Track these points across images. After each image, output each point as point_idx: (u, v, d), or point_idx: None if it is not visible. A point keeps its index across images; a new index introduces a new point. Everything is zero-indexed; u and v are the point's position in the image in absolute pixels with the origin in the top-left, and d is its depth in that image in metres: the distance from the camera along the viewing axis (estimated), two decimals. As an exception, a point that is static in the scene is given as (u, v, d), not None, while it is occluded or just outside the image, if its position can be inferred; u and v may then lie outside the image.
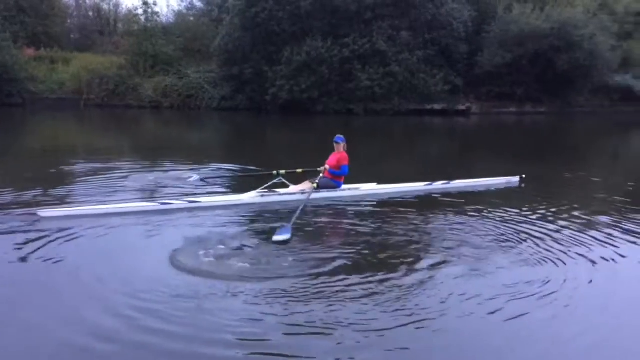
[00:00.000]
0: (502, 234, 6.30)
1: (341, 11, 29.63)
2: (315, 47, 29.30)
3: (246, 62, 31.41)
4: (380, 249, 5.74)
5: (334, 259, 5.35)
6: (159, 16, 38.46)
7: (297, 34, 30.33)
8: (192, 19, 41.92)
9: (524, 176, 9.72)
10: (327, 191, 8.23)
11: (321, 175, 8.28)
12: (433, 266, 5.23)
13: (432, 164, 12.67)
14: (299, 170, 8.51)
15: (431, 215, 7.19)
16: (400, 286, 4.70)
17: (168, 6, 41.01)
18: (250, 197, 7.80)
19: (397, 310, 4.25)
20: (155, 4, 37.04)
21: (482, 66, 31.30)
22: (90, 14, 46.08)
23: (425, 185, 9.00)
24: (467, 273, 5.07)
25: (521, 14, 30.42)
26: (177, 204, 7.41)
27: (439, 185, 9.04)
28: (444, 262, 5.34)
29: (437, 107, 31.00)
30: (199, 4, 43.71)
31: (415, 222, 6.86)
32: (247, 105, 32.12)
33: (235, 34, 31.54)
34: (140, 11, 36.87)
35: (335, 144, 8.44)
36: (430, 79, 30.31)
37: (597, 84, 32.60)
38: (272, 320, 4.07)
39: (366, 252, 5.64)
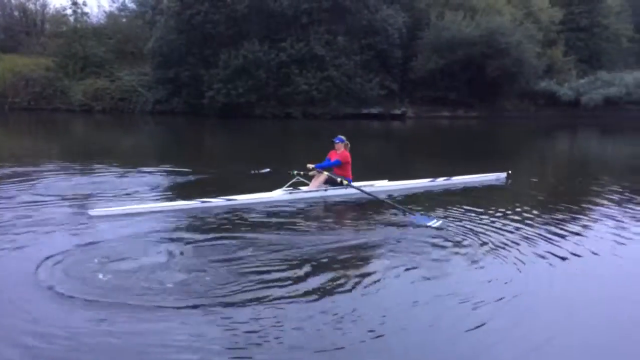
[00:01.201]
0: (452, 236, 6.33)
1: (277, 15, 29.66)
2: (253, 50, 29.17)
3: (182, 64, 30.88)
4: (327, 254, 5.68)
5: (289, 261, 5.29)
6: (89, 17, 37.39)
7: (234, 37, 30.10)
8: (124, 20, 40.87)
9: (510, 172, 10.19)
10: (337, 188, 8.47)
11: (326, 173, 8.45)
12: (385, 271, 5.16)
13: (372, 166, 12.81)
14: (310, 166, 8.57)
15: (380, 218, 7.22)
16: (343, 293, 4.64)
17: (99, 7, 40.02)
18: (279, 194, 8.18)
19: (338, 319, 4.20)
20: (85, 5, 35.97)
21: (417, 71, 32.13)
22: (16, 13, 43.97)
23: (429, 181, 9.38)
24: (420, 277, 5.00)
25: (453, 21, 31.42)
26: (216, 201, 7.62)
27: (441, 181, 9.45)
28: (399, 266, 5.22)
29: (374, 111, 31.55)
30: (131, 5, 42.77)
31: (372, 225, 6.89)
32: (184, 108, 31.55)
33: (169, 36, 30.94)
34: (69, 11, 35.76)
35: (335, 144, 8.61)
36: (366, 83, 30.81)
37: (524, 89, 34.11)
38: (206, 328, 3.97)
39: (319, 256, 5.58)
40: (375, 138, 23.17)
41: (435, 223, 6.56)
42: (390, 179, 9.21)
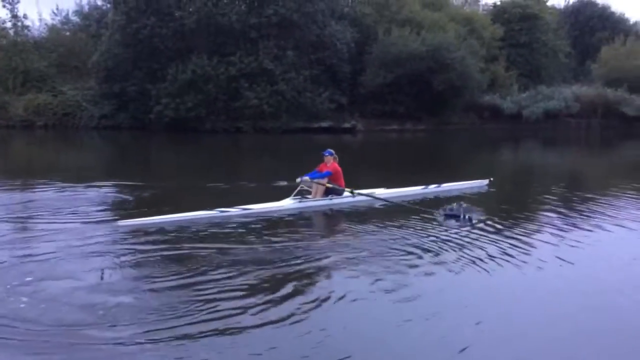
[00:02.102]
0: (415, 243, 6.39)
1: (226, 30, 29.50)
2: (201, 65, 28.88)
3: (128, 79, 30.25)
4: (266, 264, 5.63)
5: (244, 266, 5.20)
6: (29, 30, 36.17)
7: (182, 51, 29.74)
8: (67, 33, 39.69)
9: (491, 179, 10.85)
10: (343, 197, 8.86)
11: (330, 185, 8.75)
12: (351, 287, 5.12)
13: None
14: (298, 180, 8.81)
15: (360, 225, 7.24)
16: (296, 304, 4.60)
17: (40, 20, 38.33)
18: (289, 204, 8.51)
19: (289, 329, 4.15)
20: (25, 18, 34.78)
21: (366, 86, 32.57)
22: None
23: (422, 188, 10.00)
24: (377, 283, 5.05)
25: (400, 36, 32.07)
26: (233, 211, 7.89)
27: (432, 188, 10.11)
28: (362, 279, 5.21)
29: (324, 125, 31.69)
30: (74, 19, 41.67)
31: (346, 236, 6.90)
32: (130, 124, 30.84)
33: (115, 50, 30.31)
34: (8, 24, 34.46)
35: (324, 157, 8.90)
36: (316, 97, 30.97)
37: (469, 103, 35.13)
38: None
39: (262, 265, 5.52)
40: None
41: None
42: (386, 187, 9.60)
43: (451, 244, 6.37)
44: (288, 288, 4.88)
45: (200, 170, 15.17)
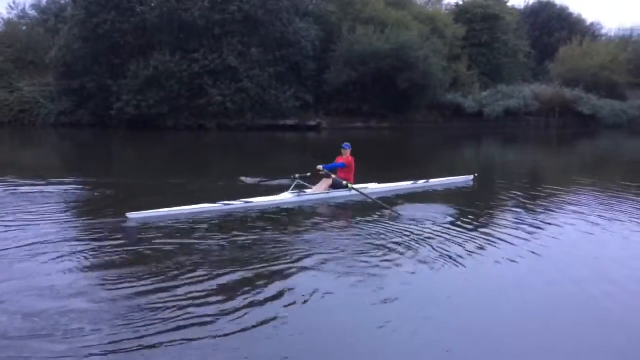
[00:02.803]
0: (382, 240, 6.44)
1: (189, 26, 29.12)
2: (163, 61, 28.45)
3: (88, 75, 29.58)
4: (235, 258, 5.59)
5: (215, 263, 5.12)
6: (-16, 24, 34.88)
7: (144, 47, 29.23)
8: (24, 28, 38.51)
9: (476, 175, 11.37)
10: (340, 191, 9.24)
11: (334, 176, 9.13)
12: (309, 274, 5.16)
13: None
14: (308, 175, 9.40)
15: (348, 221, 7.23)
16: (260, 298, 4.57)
17: (-4, 14, 37.31)
18: (288, 197, 8.82)
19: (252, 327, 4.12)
20: (-21, 11, 33.53)
21: (330, 83, 32.63)
22: None
23: (411, 184, 10.43)
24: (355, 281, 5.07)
25: (364, 35, 32.22)
26: (236, 204, 8.16)
27: (421, 183, 10.49)
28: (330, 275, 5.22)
29: (289, 122, 31.67)
30: (32, 13, 40.46)
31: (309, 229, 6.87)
32: (91, 120, 30.21)
33: (74, 45, 29.60)
34: (-39, 17, 33.13)
35: (342, 150, 9.49)
36: (281, 95, 30.89)
37: (432, 101, 35.52)
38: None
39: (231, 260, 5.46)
40: (291, 149, 23.27)
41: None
42: (379, 182, 10.03)
43: (426, 241, 6.43)
44: (263, 289, 4.78)
45: (162, 168, 14.97)
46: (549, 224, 7.62)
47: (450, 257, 5.78)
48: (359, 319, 4.25)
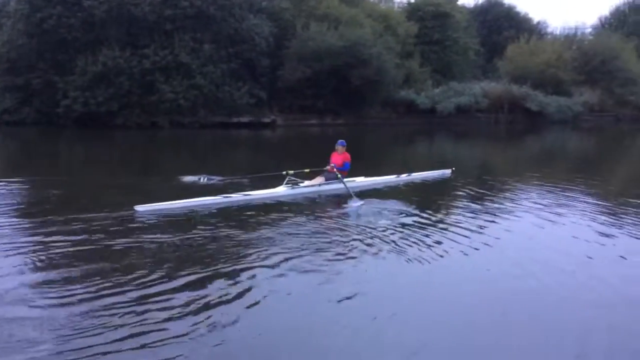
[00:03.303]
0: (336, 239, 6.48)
1: (139, 20, 28.45)
2: (113, 57, 27.70)
3: (33, 71, 28.49)
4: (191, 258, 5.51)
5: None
6: None
7: (92, 42, 28.35)
8: (-37, 22, 36.70)
9: (454, 168, 12.05)
10: (329, 183, 9.82)
11: (340, 175, 9.60)
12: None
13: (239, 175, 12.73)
14: (306, 170, 9.83)
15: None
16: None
17: None
18: (283, 190, 9.30)
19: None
20: None
21: (284, 80, 32.51)
22: None
23: (395, 177, 11.11)
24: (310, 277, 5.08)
25: (318, 31, 32.25)
26: (235, 196, 8.62)
27: (404, 177, 11.24)
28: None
29: (243, 119, 31.39)
30: (-28, 6, 38.53)
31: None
32: (36, 119, 29.10)
33: (18, 40, 28.47)
34: None
35: (338, 147, 9.98)
36: (235, 91, 30.58)
37: (386, 98, 35.91)
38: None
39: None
40: (246, 146, 23.09)
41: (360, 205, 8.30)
42: (365, 176, 10.60)
43: (384, 237, 6.54)
44: (220, 290, 4.72)
45: (112, 166, 14.61)
46: (502, 217, 7.85)
47: (407, 253, 5.88)
48: (318, 318, 4.26)
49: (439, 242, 6.33)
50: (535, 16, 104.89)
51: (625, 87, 41.86)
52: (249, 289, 4.74)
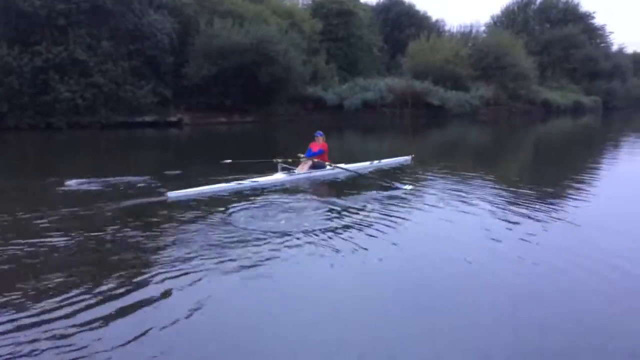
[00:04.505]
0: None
1: (29, 16, 26.55)
2: (0, 54, 25.71)
3: None
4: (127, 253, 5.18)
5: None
6: None
7: (-25, 39, 26.17)
8: None
9: (413, 155, 13.45)
10: (321, 170, 11.14)
11: (315, 160, 11.00)
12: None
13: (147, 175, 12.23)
14: (290, 160, 10.94)
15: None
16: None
17: None
18: (282, 177, 10.35)
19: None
20: None
21: (190, 78, 31.72)
22: None
23: (369, 163, 12.37)
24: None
25: (222, 28, 31.73)
26: (246, 183, 9.51)
27: (376, 163, 12.58)
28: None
29: (148, 119, 30.23)
30: None
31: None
32: None
33: None
34: None
35: (316, 137, 11.53)
36: (138, 90, 29.43)
37: (294, 94, 36.06)
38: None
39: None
40: (151, 146, 22.26)
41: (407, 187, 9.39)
42: (345, 163, 11.68)
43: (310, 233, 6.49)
44: (150, 294, 4.52)
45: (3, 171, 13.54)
46: (412, 208, 8.02)
47: (335, 248, 5.88)
48: (249, 319, 4.17)
49: (352, 238, 6.30)
50: (434, 14, 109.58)
51: (516, 82, 44.91)
52: (181, 292, 4.60)
